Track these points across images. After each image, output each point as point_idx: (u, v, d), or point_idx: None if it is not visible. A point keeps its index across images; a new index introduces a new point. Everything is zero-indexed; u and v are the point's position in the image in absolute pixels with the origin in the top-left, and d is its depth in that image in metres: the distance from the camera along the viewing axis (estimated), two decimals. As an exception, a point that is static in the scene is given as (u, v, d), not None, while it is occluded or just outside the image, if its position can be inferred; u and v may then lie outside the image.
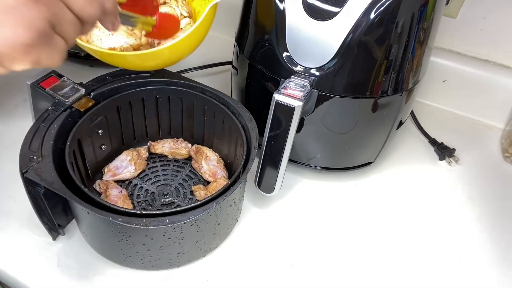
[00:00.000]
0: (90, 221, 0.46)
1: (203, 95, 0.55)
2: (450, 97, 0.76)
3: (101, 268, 0.48)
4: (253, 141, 0.49)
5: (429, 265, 0.52)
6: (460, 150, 0.67)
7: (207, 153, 0.58)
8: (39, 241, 0.50)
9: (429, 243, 0.55)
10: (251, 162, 0.47)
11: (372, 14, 0.45)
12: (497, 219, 0.59)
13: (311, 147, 0.57)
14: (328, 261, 0.52)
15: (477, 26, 0.70)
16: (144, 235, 0.43)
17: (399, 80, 0.51)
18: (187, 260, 0.49)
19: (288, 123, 0.46)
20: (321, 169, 0.60)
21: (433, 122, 0.73)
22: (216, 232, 0.49)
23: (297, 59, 0.49)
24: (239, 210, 0.54)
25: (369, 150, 0.59)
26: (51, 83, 0.50)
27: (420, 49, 0.51)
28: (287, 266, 0.51)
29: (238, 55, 0.58)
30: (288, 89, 0.46)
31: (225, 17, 0.56)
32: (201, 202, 0.43)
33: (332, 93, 0.50)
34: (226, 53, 0.73)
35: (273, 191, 0.53)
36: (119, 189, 0.53)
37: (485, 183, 0.64)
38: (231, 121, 0.53)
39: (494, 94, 0.72)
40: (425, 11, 0.48)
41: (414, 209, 0.59)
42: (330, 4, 0.46)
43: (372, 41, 0.47)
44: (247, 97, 0.60)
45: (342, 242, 0.54)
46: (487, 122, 0.75)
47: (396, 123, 0.57)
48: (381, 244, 0.54)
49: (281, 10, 0.48)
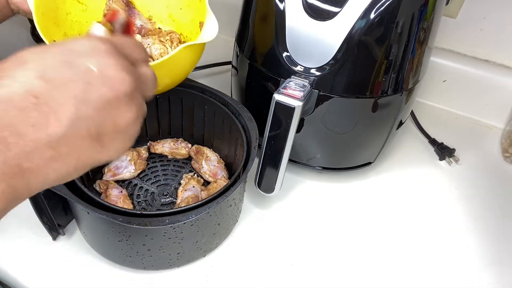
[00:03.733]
0: (90, 221, 0.46)
1: (203, 95, 0.55)
2: (450, 97, 0.76)
3: (101, 268, 0.48)
4: (253, 141, 0.49)
5: (428, 265, 0.52)
6: (460, 150, 0.67)
7: (208, 154, 0.58)
8: (39, 241, 0.50)
9: (429, 243, 0.55)
10: (251, 162, 0.47)
11: (372, 14, 0.45)
12: (497, 219, 0.59)
13: (311, 147, 0.57)
14: (328, 261, 0.52)
15: (477, 26, 0.70)
16: (144, 235, 0.43)
17: (399, 80, 0.51)
18: (187, 260, 0.49)
19: (288, 123, 0.46)
20: (321, 169, 0.60)
21: (433, 122, 0.73)
22: (216, 232, 0.49)
23: (297, 59, 0.49)
24: (239, 210, 0.54)
25: (369, 150, 0.59)
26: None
27: (420, 49, 0.51)
28: (287, 265, 0.51)
29: (238, 55, 0.58)
30: (288, 89, 0.46)
31: (225, 17, 0.56)
32: (201, 202, 0.43)
33: (332, 93, 0.50)
34: (226, 53, 0.73)
35: (273, 191, 0.53)
36: (119, 189, 0.53)
37: (485, 183, 0.64)
38: (231, 121, 0.53)
39: (494, 94, 0.72)
40: (425, 11, 0.48)
41: (414, 209, 0.59)
42: (330, 4, 0.46)
43: (372, 41, 0.47)
44: (247, 97, 0.60)
45: (342, 242, 0.54)
46: (487, 122, 0.75)
47: (396, 123, 0.57)
48: (381, 244, 0.54)
49: (281, 10, 0.48)
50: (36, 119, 0.23)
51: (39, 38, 0.80)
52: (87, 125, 0.25)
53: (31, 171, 0.24)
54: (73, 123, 0.24)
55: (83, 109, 0.25)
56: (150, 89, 0.31)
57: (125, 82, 0.27)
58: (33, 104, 0.23)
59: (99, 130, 0.26)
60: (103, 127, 0.26)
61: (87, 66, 0.26)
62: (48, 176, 0.25)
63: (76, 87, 0.25)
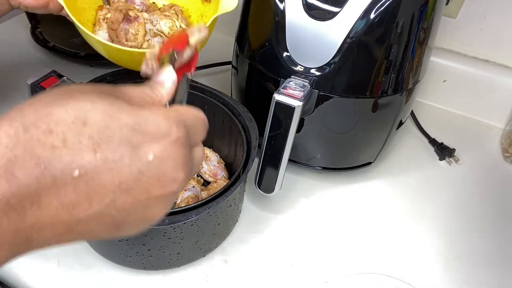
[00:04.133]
0: (90, 221, 0.46)
1: (203, 95, 0.55)
2: (450, 97, 0.76)
3: (101, 268, 0.48)
4: (253, 141, 0.49)
5: (428, 264, 0.52)
6: (460, 150, 0.67)
7: (208, 154, 0.58)
8: (39, 241, 0.50)
9: (428, 242, 0.55)
10: (251, 162, 0.47)
11: (372, 14, 0.45)
12: (497, 219, 0.59)
13: (311, 147, 0.57)
14: (327, 260, 0.52)
15: (477, 26, 0.70)
16: (144, 235, 0.43)
17: (399, 80, 0.51)
18: (187, 260, 0.49)
19: (288, 123, 0.46)
20: (321, 169, 0.60)
21: (433, 122, 0.73)
22: (216, 232, 0.49)
23: (297, 59, 0.49)
24: (239, 210, 0.54)
25: (369, 150, 0.59)
26: (51, 83, 0.50)
27: (420, 49, 0.51)
28: (287, 265, 0.51)
29: (238, 55, 0.58)
30: (288, 89, 0.46)
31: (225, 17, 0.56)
32: (201, 202, 0.43)
33: (332, 93, 0.50)
34: (226, 53, 0.73)
35: (273, 191, 0.53)
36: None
37: (485, 183, 0.64)
38: (231, 121, 0.53)
39: (494, 94, 0.72)
40: (425, 11, 0.48)
41: (414, 209, 0.59)
42: (330, 4, 0.46)
43: (372, 41, 0.47)
44: (247, 97, 0.60)
45: (342, 241, 0.54)
46: (487, 122, 0.75)
47: (396, 123, 0.57)
48: (381, 243, 0.54)
49: (281, 10, 0.48)
50: (68, 195, 0.20)
51: (39, 38, 0.80)
52: (115, 214, 0.23)
53: (37, 242, 0.22)
54: (103, 210, 0.22)
55: (121, 199, 0.22)
56: (195, 172, 0.29)
57: (176, 182, 0.24)
58: (72, 179, 0.20)
59: (125, 220, 0.23)
60: (130, 217, 0.23)
61: (148, 154, 0.22)
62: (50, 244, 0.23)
63: (126, 173, 0.22)
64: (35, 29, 0.81)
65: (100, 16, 0.58)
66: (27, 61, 0.79)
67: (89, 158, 0.20)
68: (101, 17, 0.58)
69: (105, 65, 0.77)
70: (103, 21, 0.58)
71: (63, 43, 0.78)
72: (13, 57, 0.79)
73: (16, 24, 0.86)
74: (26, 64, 0.78)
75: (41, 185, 0.20)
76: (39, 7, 0.52)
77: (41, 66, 0.75)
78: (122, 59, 0.54)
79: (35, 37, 0.80)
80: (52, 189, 0.20)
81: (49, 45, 0.78)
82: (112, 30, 0.57)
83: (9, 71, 0.75)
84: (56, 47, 0.78)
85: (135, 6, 0.60)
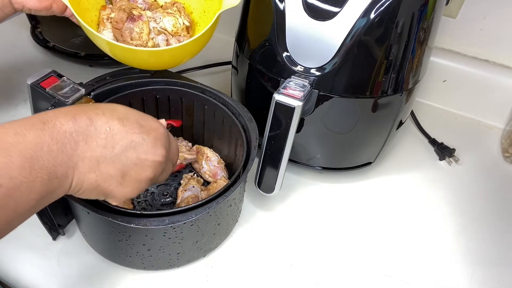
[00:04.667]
0: (90, 221, 0.46)
1: (203, 95, 0.55)
2: (450, 97, 0.76)
3: (101, 268, 0.48)
4: (253, 141, 0.49)
5: (428, 265, 0.52)
6: (460, 150, 0.67)
7: (208, 154, 0.58)
8: (39, 241, 0.50)
9: (428, 242, 0.55)
10: (251, 162, 0.47)
11: (372, 14, 0.45)
12: (497, 219, 0.59)
13: (311, 147, 0.57)
14: (327, 260, 0.52)
15: (477, 26, 0.70)
16: (144, 235, 0.43)
17: (399, 80, 0.51)
18: (187, 260, 0.49)
19: (288, 123, 0.46)
20: (321, 169, 0.60)
21: (433, 122, 0.73)
22: (216, 232, 0.49)
23: (297, 59, 0.49)
24: (239, 210, 0.54)
25: (369, 150, 0.59)
26: (51, 83, 0.50)
27: (420, 49, 0.51)
28: (287, 265, 0.51)
29: (238, 55, 0.58)
30: (288, 89, 0.46)
31: (225, 17, 0.56)
32: (201, 202, 0.43)
33: (332, 93, 0.50)
34: (226, 53, 0.73)
35: (273, 191, 0.53)
36: (119, 189, 0.53)
37: (485, 183, 0.64)
38: (231, 121, 0.53)
39: (494, 94, 0.72)
40: (425, 11, 0.48)
41: (414, 209, 0.59)
42: (330, 4, 0.46)
43: (372, 41, 0.47)
44: (247, 97, 0.60)
45: (342, 241, 0.54)
46: (487, 122, 0.75)
47: (396, 123, 0.57)
48: (381, 243, 0.54)
49: (281, 10, 0.48)
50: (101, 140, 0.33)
51: (39, 38, 0.81)
52: (125, 163, 0.34)
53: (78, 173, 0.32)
54: (119, 156, 0.34)
55: (130, 152, 0.34)
56: (164, 177, 0.41)
57: (162, 155, 0.37)
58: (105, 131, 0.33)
59: (128, 172, 0.35)
60: (131, 172, 0.35)
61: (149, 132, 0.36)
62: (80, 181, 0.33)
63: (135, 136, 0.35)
64: (35, 29, 0.81)
65: (103, 16, 0.58)
66: (27, 61, 0.79)
67: (116, 123, 0.34)
68: (105, 17, 0.58)
69: (105, 65, 0.77)
70: (107, 20, 0.58)
71: (63, 43, 0.78)
72: (13, 57, 0.79)
73: (16, 24, 0.86)
74: (26, 64, 0.78)
75: (89, 131, 0.32)
76: (42, 9, 0.52)
77: (41, 66, 0.76)
78: (128, 58, 0.54)
79: (35, 37, 0.80)
80: (93, 135, 0.33)
81: (49, 45, 0.78)
82: (116, 29, 0.57)
83: (9, 71, 0.75)
84: (56, 47, 0.78)
85: (138, 4, 0.60)
